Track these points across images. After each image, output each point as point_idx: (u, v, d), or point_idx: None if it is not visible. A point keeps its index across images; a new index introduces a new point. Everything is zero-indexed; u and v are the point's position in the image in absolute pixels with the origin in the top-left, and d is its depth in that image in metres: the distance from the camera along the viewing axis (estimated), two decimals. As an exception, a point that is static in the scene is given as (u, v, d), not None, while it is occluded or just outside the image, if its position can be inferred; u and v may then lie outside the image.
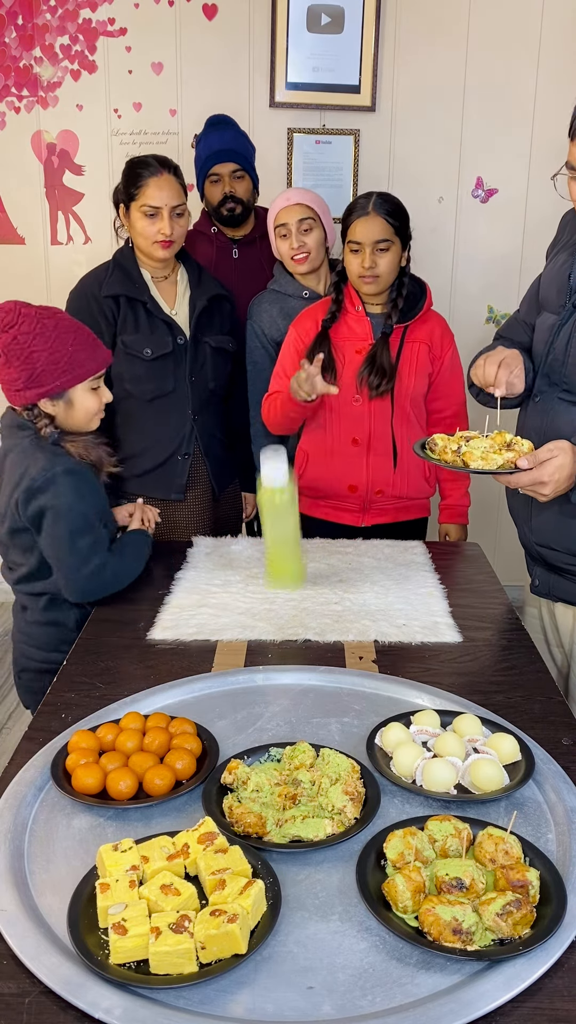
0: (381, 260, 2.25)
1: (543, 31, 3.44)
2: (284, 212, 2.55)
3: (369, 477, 2.38)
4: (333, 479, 2.40)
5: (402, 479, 2.40)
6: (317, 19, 3.40)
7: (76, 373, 1.85)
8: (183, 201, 2.36)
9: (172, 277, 2.48)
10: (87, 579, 1.84)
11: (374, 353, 2.31)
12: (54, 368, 1.83)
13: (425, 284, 2.41)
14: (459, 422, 2.47)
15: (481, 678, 1.60)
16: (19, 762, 1.32)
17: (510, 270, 3.69)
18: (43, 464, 1.82)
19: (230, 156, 2.78)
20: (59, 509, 1.81)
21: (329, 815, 1.17)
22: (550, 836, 1.18)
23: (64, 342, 1.84)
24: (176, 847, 1.09)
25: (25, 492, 1.81)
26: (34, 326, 1.82)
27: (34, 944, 0.98)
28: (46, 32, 3.42)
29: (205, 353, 2.45)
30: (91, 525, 1.85)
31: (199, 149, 2.84)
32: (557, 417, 1.75)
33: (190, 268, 2.51)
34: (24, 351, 1.81)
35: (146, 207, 2.30)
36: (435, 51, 3.46)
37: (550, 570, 1.85)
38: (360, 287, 2.31)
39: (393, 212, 2.27)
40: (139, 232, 2.34)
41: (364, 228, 2.24)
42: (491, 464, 1.59)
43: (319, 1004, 0.93)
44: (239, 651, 1.68)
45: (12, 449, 1.89)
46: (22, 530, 1.87)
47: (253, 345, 2.66)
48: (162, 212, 2.30)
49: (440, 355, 2.40)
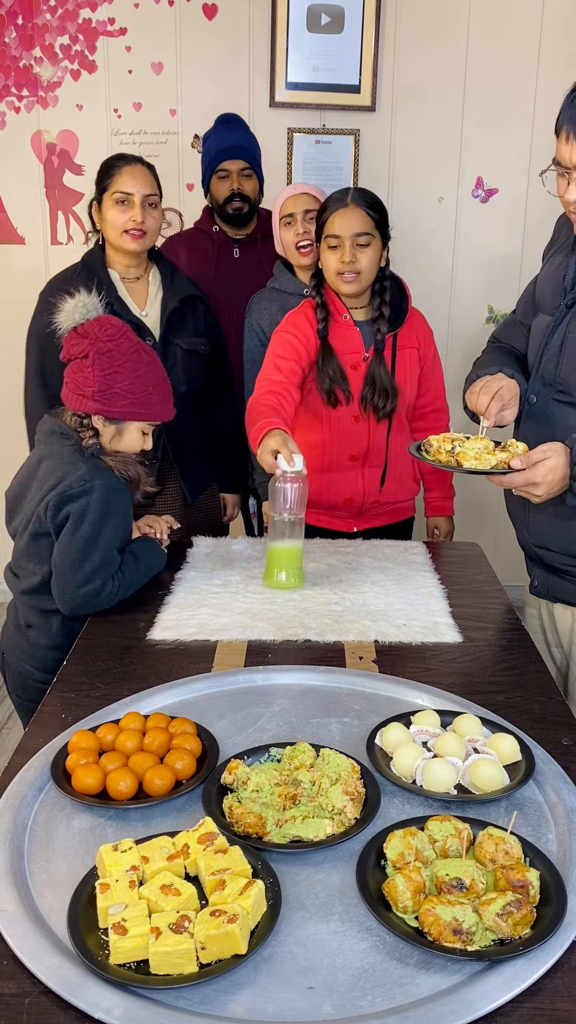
0: (362, 255, 2.15)
1: (543, 31, 3.44)
2: (291, 201, 2.53)
3: (364, 489, 2.36)
4: (329, 492, 2.36)
5: (395, 486, 2.38)
6: (317, 19, 3.40)
7: (142, 411, 1.91)
8: (157, 193, 2.33)
9: (144, 278, 2.43)
10: (83, 599, 1.80)
11: (372, 374, 2.24)
12: (128, 396, 1.88)
13: (403, 282, 2.33)
14: (442, 415, 2.45)
15: (481, 678, 1.60)
16: (19, 762, 1.32)
17: (510, 270, 3.69)
18: (83, 473, 1.82)
19: (240, 153, 2.78)
20: (81, 521, 1.80)
21: (329, 815, 1.17)
22: (550, 836, 1.18)
23: (148, 380, 1.91)
24: (176, 847, 1.09)
25: (58, 496, 1.81)
26: (131, 350, 1.89)
27: (34, 944, 0.98)
28: (46, 32, 3.42)
29: (176, 355, 2.40)
30: (104, 546, 1.82)
31: (208, 145, 2.84)
32: (552, 419, 1.75)
33: (163, 268, 2.47)
34: (113, 365, 1.86)
35: (118, 193, 2.28)
36: (435, 51, 3.47)
37: (549, 571, 1.86)
38: (339, 287, 2.20)
39: (372, 205, 2.18)
40: (110, 223, 2.31)
41: (343, 220, 2.14)
42: (484, 464, 1.60)
43: (319, 1004, 0.93)
44: (239, 651, 1.68)
45: (49, 456, 1.89)
46: (44, 535, 1.85)
47: (252, 343, 2.65)
48: (133, 199, 2.27)
49: (425, 353, 2.36)
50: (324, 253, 2.20)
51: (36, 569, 1.89)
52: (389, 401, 2.25)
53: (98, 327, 1.88)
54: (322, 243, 2.20)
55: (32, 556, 1.89)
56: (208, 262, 2.89)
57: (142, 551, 1.95)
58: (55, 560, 1.82)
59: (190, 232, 3.00)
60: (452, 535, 2.57)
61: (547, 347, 1.78)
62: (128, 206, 2.28)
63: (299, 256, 2.56)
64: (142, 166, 2.31)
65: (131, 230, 2.29)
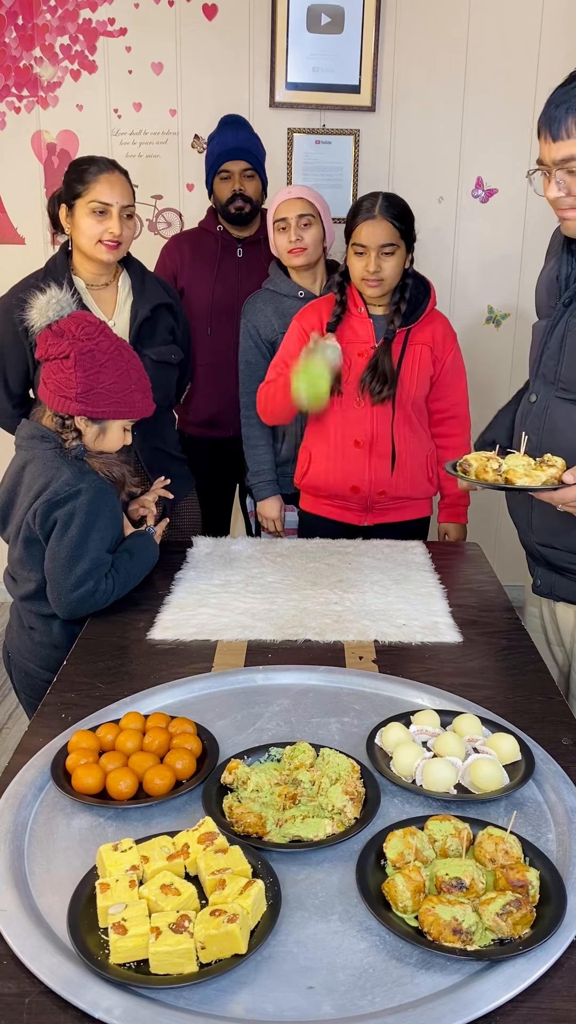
0: (386, 264, 2.24)
1: (543, 31, 3.44)
2: (285, 205, 2.54)
3: (371, 478, 2.38)
4: (336, 480, 2.40)
5: (403, 480, 2.40)
6: (317, 19, 3.40)
7: (124, 409, 1.90)
8: (132, 203, 2.25)
9: (112, 284, 2.33)
10: (78, 601, 1.79)
11: (376, 360, 2.30)
12: (111, 395, 1.86)
13: (429, 284, 2.40)
14: (461, 422, 2.48)
15: (481, 678, 1.60)
16: (19, 762, 1.32)
17: (510, 270, 3.69)
18: (68, 478, 1.81)
19: (242, 155, 2.79)
20: (69, 526, 1.79)
21: (329, 815, 1.17)
22: (550, 836, 1.18)
23: (129, 378, 1.89)
24: (176, 847, 1.09)
25: (45, 503, 1.79)
26: (111, 348, 1.87)
27: (34, 944, 0.98)
28: (46, 32, 3.42)
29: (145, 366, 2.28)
30: (95, 548, 1.81)
31: (211, 146, 2.85)
32: (555, 415, 1.76)
33: (133, 274, 2.36)
34: (94, 365, 1.84)
35: (96, 203, 2.17)
36: (435, 51, 3.46)
37: (552, 569, 1.86)
38: (364, 290, 2.30)
39: (399, 215, 2.25)
40: (83, 231, 2.20)
41: (370, 232, 2.22)
42: (536, 481, 1.61)
43: (319, 1004, 0.93)
44: (239, 651, 1.68)
45: (32, 460, 1.87)
46: (36, 541, 1.85)
47: (247, 345, 2.65)
48: (111, 210, 2.18)
49: (442, 356, 2.39)
50: (351, 257, 2.29)
51: (31, 576, 1.88)
52: (387, 388, 2.29)
53: (75, 325, 1.85)
54: (349, 248, 2.28)
55: (26, 563, 1.89)
56: (212, 262, 2.90)
57: (135, 546, 1.94)
58: (47, 567, 1.82)
59: (194, 232, 3.01)
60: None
61: (546, 346, 1.79)
62: (105, 216, 2.19)
63: (290, 257, 2.56)
64: (119, 173, 2.22)
65: (107, 241, 2.20)
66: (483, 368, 3.58)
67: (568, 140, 1.57)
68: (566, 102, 1.55)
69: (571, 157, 1.57)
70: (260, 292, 2.67)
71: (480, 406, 2.66)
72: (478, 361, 3.47)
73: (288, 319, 2.53)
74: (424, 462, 2.43)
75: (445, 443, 2.47)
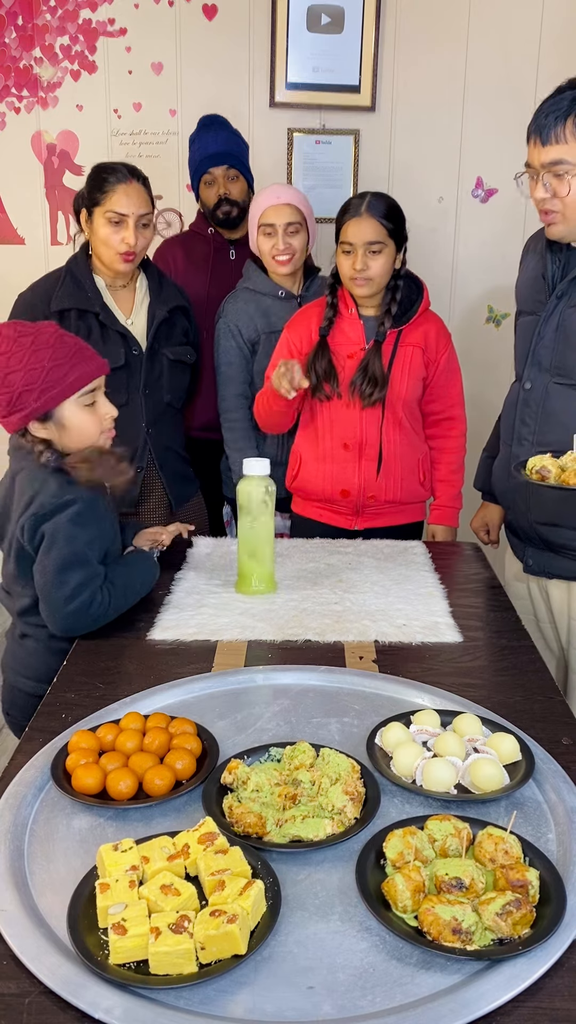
0: (373, 262, 2.22)
1: (543, 31, 3.44)
2: (272, 211, 2.49)
3: (360, 482, 2.37)
4: (325, 483, 2.39)
5: (392, 484, 2.38)
6: (317, 19, 3.40)
7: (54, 392, 1.71)
8: (150, 211, 2.28)
9: (131, 285, 2.39)
10: (72, 616, 1.71)
11: (366, 362, 2.28)
12: (31, 389, 1.70)
13: (423, 284, 2.38)
14: (456, 424, 2.46)
15: (481, 678, 1.60)
16: (19, 762, 1.32)
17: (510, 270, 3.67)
18: (54, 491, 1.73)
19: (224, 159, 2.78)
20: (55, 539, 1.72)
21: (329, 815, 1.17)
22: (550, 836, 1.18)
23: (40, 359, 1.70)
24: (176, 847, 1.09)
25: (32, 517, 1.73)
26: (10, 346, 1.71)
27: (34, 944, 0.98)
28: (46, 32, 3.42)
29: (162, 365, 2.38)
30: (85, 560, 1.73)
31: (193, 151, 2.85)
32: (552, 403, 1.87)
33: (150, 276, 2.42)
34: (1, 375, 1.70)
35: (111, 213, 2.22)
36: (435, 51, 3.46)
37: (547, 548, 1.94)
38: (352, 289, 2.28)
39: (387, 214, 2.23)
40: (101, 240, 2.26)
41: (356, 229, 2.21)
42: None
43: (319, 1004, 0.93)
44: (239, 651, 1.68)
45: (20, 470, 1.81)
46: (27, 556, 1.77)
47: (228, 345, 2.60)
48: (127, 220, 2.22)
49: (435, 358, 2.37)
50: (339, 257, 2.28)
51: (25, 591, 1.82)
52: (377, 390, 2.28)
53: None
54: (338, 247, 2.27)
55: (19, 578, 1.82)
56: (204, 264, 2.89)
57: (132, 560, 1.90)
58: (37, 583, 1.74)
59: (186, 235, 3.00)
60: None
61: (540, 336, 1.88)
62: (121, 227, 2.23)
63: (276, 265, 2.53)
64: (137, 183, 2.25)
65: (122, 253, 2.25)
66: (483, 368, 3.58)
67: (556, 145, 1.71)
68: (555, 111, 1.71)
69: (559, 160, 1.72)
70: (239, 291, 2.63)
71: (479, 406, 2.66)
72: (478, 361, 3.47)
73: (270, 318, 2.51)
74: (416, 466, 2.41)
75: (440, 445, 2.46)
